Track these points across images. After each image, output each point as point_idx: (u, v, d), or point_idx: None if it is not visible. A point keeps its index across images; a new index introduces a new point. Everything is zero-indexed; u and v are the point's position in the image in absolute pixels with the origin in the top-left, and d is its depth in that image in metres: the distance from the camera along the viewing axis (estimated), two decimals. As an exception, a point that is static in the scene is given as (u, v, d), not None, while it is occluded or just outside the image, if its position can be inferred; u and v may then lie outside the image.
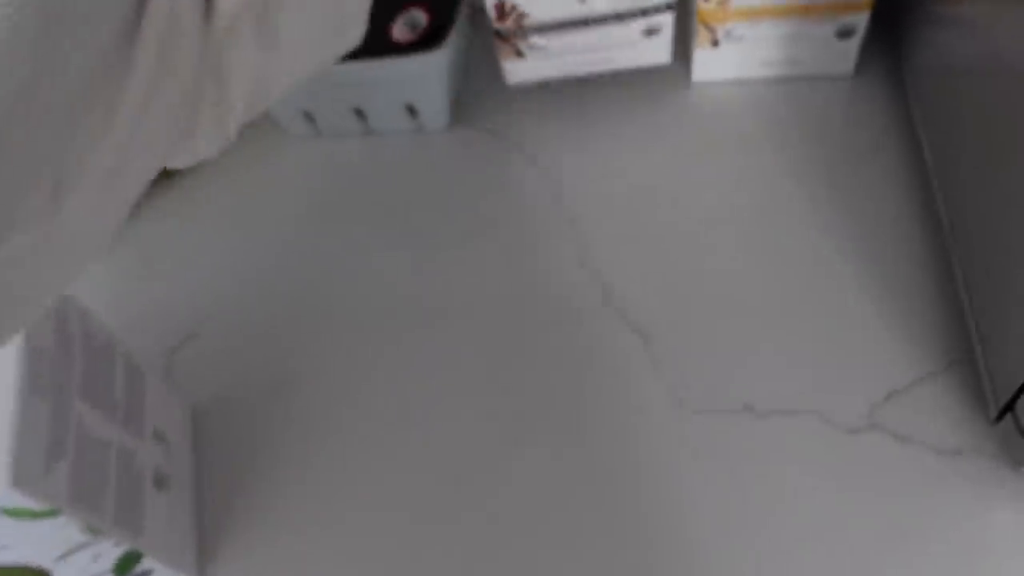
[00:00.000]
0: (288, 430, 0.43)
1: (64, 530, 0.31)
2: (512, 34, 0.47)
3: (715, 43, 0.48)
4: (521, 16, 0.45)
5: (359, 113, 0.51)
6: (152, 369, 0.40)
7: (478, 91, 0.54)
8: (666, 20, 0.46)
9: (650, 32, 0.47)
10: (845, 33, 0.46)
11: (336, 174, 0.53)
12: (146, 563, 0.35)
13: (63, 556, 0.32)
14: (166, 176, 0.53)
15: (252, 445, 0.43)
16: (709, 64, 0.49)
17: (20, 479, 0.28)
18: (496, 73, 0.51)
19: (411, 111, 0.51)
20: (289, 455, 0.42)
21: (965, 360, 0.38)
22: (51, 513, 0.30)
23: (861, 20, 0.45)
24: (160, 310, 0.49)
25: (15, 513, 0.29)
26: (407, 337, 0.44)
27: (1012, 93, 0.32)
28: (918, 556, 0.34)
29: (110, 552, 0.33)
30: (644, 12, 0.46)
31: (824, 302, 0.41)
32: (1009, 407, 0.32)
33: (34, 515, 0.29)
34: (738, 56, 0.48)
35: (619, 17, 0.46)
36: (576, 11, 0.45)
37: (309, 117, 0.52)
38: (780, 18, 0.46)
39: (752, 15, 0.46)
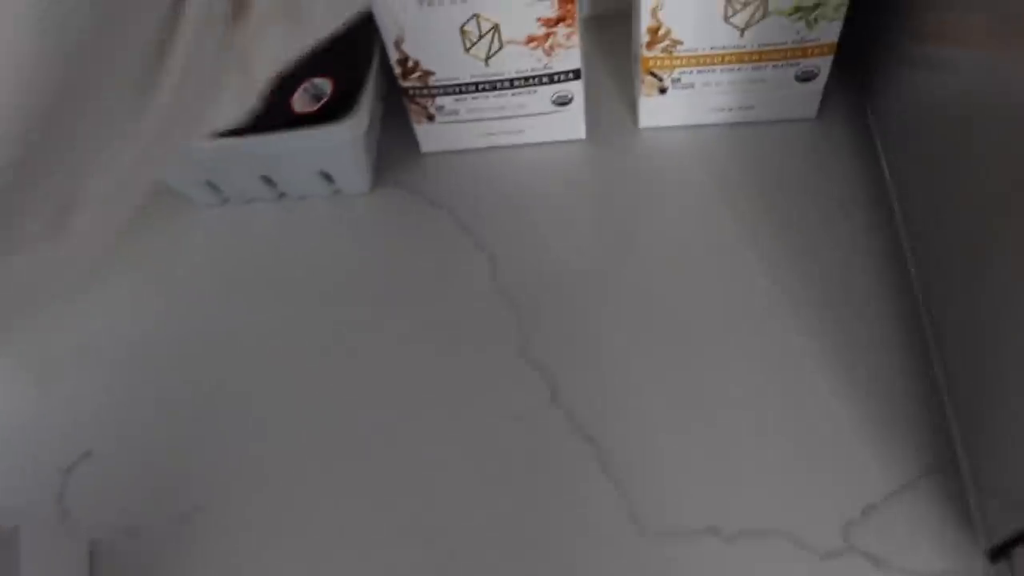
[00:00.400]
0: (199, 566, 0.38)
1: None
2: (419, 93, 0.43)
3: (663, 91, 0.44)
4: (426, 75, 0.42)
5: (268, 181, 0.46)
6: (38, 507, 0.35)
7: (401, 152, 0.48)
8: (575, 88, 0.44)
9: (561, 102, 0.44)
10: (806, 77, 0.43)
11: (247, 244, 0.47)
12: None
13: None
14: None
15: (159, 586, 0.38)
16: (657, 112, 0.46)
17: None
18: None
19: (326, 177, 0.45)
20: (202, 597, 0.37)
21: (946, 468, 0.34)
22: None
23: (824, 64, 0.42)
24: (50, 423, 0.43)
25: None
26: (331, 448, 0.40)
27: (985, 137, 0.29)
28: None
29: None
30: (552, 79, 0.43)
31: (792, 405, 0.37)
32: (1005, 549, 0.29)
33: None
34: (688, 103, 0.45)
35: (526, 80, 0.43)
36: (481, 71, 0.43)
37: (213, 186, 0.46)
38: (734, 64, 0.43)
39: (701, 62, 0.43)
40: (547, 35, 0.41)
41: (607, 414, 0.38)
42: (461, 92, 0.44)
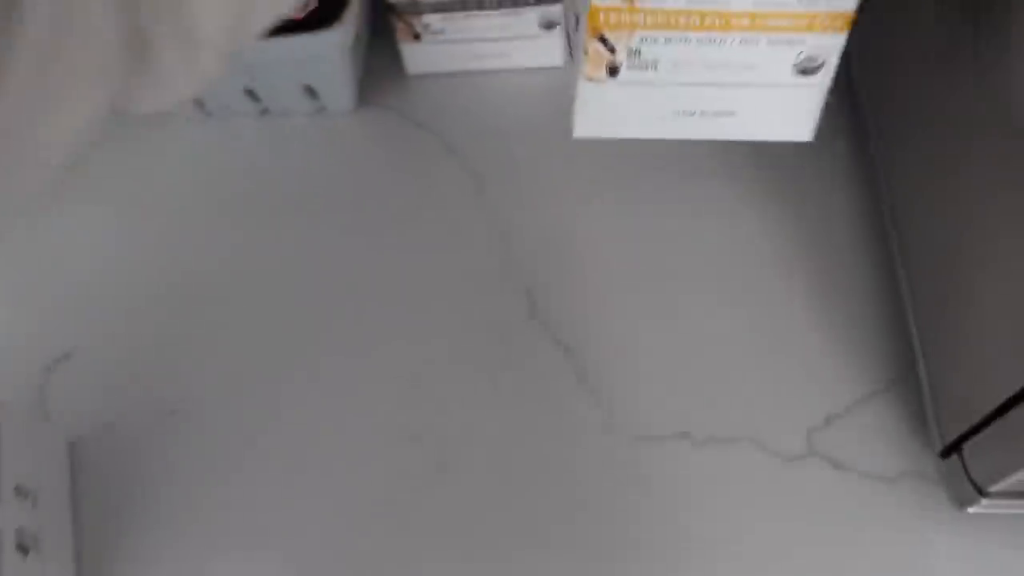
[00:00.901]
0: (178, 465, 0.38)
1: None
2: (407, 10, 0.42)
3: (612, 72, 0.35)
4: None
5: (251, 94, 0.46)
6: (18, 404, 0.35)
7: (386, 73, 0.48)
8: (559, 12, 0.42)
9: (547, 26, 0.44)
10: (807, 69, 0.36)
11: (229, 159, 0.47)
12: (13, 640, 0.31)
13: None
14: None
15: (140, 483, 0.38)
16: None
17: None
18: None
19: (310, 92, 0.45)
20: (180, 494, 0.38)
21: (906, 380, 0.36)
22: None
23: (833, 47, 0.30)
24: (29, 323, 0.43)
25: None
26: (310, 351, 0.40)
27: (960, 89, 0.30)
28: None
29: (-37, 642, 0.29)
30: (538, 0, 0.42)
31: (760, 321, 0.38)
32: (956, 446, 0.30)
33: None
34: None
35: (514, 1, 0.42)
36: None
37: (196, 99, 0.46)
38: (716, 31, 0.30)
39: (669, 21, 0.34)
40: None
41: (585, 327, 0.39)
42: (448, 10, 0.44)
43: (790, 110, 0.31)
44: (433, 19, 0.44)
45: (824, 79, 0.30)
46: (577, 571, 0.34)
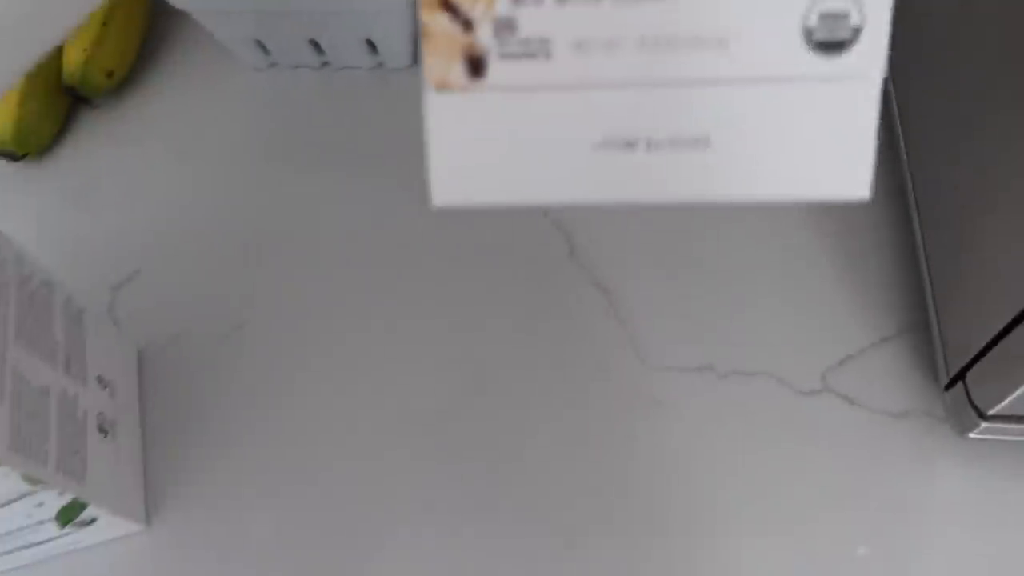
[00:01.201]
0: (239, 375, 0.41)
1: (4, 480, 0.29)
2: None
3: (476, 65, 0.27)
4: None
5: (315, 45, 0.49)
6: (94, 310, 0.38)
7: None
8: None
9: None
10: (828, 44, 0.24)
11: (290, 107, 0.50)
12: (88, 512, 0.34)
13: (3, 505, 0.31)
14: (86, 102, 0.50)
15: (201, 390, 0.41)
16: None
17: (-45, 429, 0.26)
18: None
19: (371, 46, 0.49)
20: (240, 401, 0.41)
21: (919, 327, 0.39)
22: (-11, 464, 0.28)
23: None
24: (100, 244, 0.46)
25: (-50, 464, 0.27)
26: (365, 282, 0.43)
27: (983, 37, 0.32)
28: (862, 512, 0.35)
29: (53, 501, 0.32)
30: None
31: (783, 268, 0.41)
32: (960, 376, 0.33)
33: (-29, 466, 0.28)
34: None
35: None
36: None
37: (261, 46, 0.49)
38: None
39: None
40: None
41: (620, 267, 0.42)
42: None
43: (815, 131, 0.17)
44: None
45: (869, 60, 0.16)
46: (607, 480, 0.37)
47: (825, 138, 0.17)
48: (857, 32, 0.16)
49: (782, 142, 0.17)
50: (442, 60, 0.17)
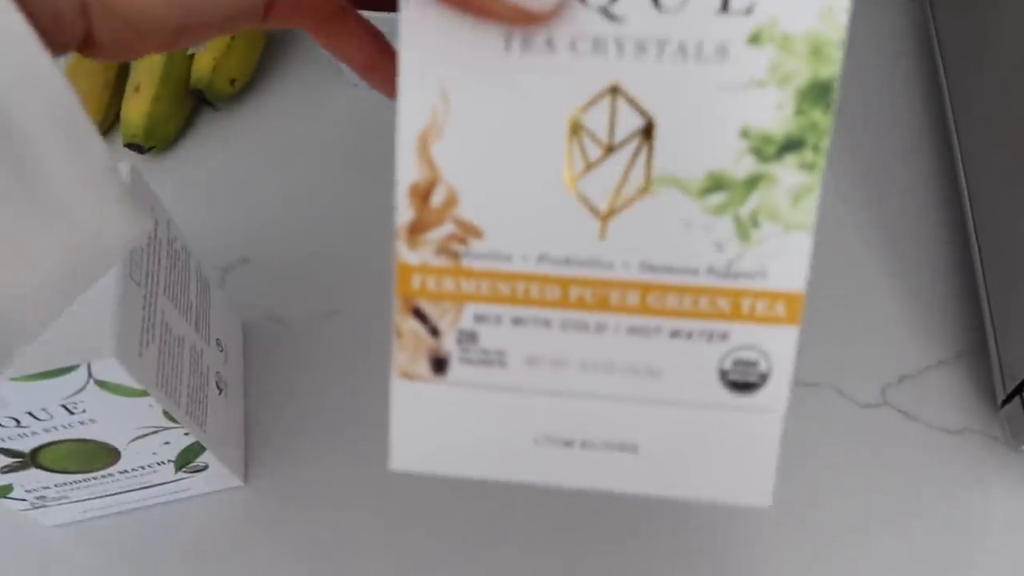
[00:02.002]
0: (329, 355, 0.45)
1: (147, 412, 0.33)
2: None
3: (439, 362, 0.22)
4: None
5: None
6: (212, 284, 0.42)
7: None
8: None
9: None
10: (742, 383, 0.21)
11: (386, 119, 0.55)
12: (202, 459, 0.37)
13: (137, 439, 0.34)
14: (210, 105, 0.55)
15: (296, 366, 0.45)
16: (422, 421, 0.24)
17: (122, 354, 0.30)
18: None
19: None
20: (331, 378, 0.44)
21: (976, 352, 0.41)
22: (140, 393, 0.32)
23: (779, 354, 0.21)
24: (213, 231, 0.50)
25: (111, 388, 0.31)
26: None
27: None
28: (916, 523, 0.37)
29: (178, 441, 0.35)
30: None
31: (846, 287, 0.44)
32: (1016, 392, 0.36)
33: (127, 392, 0.31)
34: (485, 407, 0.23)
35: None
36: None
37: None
38: (590, 311, 0.21)
39: (521, 295, 0.21)
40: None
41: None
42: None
43: (726, 450, 0.20)
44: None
45: (773, 400, 0.20)
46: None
47: (735, 455, 0.20)
48: (764, 377, 0.20)
49: (698, 454, 0.20)
50: (409, 355, 0.20)
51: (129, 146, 0.52)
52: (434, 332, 0.20)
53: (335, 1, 0.24)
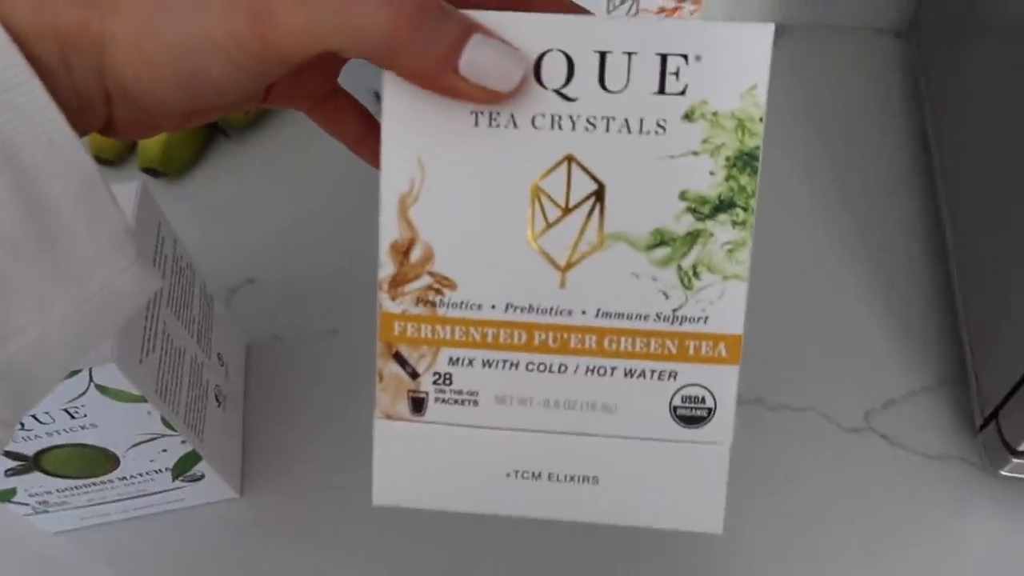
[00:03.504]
0: (330, 373, 0.46)
1: (145, 419, 0.34)
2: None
3: (417, 402, 0.24)
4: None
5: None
6: (217, 302, 0.44)
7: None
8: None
9: None
10: (688, 417, 0.22)
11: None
12: (199, 468, 0.39)
13: (135, 445, 0.36)
14: (224, 134, 0.58)
15: (297, 383, 0.46)
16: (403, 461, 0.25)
17: (122, 360, 0.31)
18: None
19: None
20: (329, 396, 0.45)
21: (957, 380, 0.42)
22: (139, 399, 0.33)
23: (722, 386, 0.22)
24: (222, 253, 0.52)
25: (111, 393, 0.32)
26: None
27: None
28: (898, 547, 0.38)
29: (175, 449, 0.37)
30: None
31: (831, 314, 0.45)
32: (993, 416, 0.36)
33: (126, 398, 0.33)
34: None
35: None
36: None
37: (377, 95, 0.56)
38: (553, 354, 0.23)
39: (490, 339, 0.23)
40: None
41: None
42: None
43: (679, 480, 0.22)
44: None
45: (719, 433, 0.22)
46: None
47: (687, 484, 0.22)
48: (711, 412, 0.22)
49: (654, 485, 0.22)
50: (390, 397, 0.23)
51: (146, 170, 0.55)
52: (413, 375, 0.23)
53: (327, 84, 0.26)
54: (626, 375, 0.22)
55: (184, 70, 0.19)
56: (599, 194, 0.21)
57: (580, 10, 0.24)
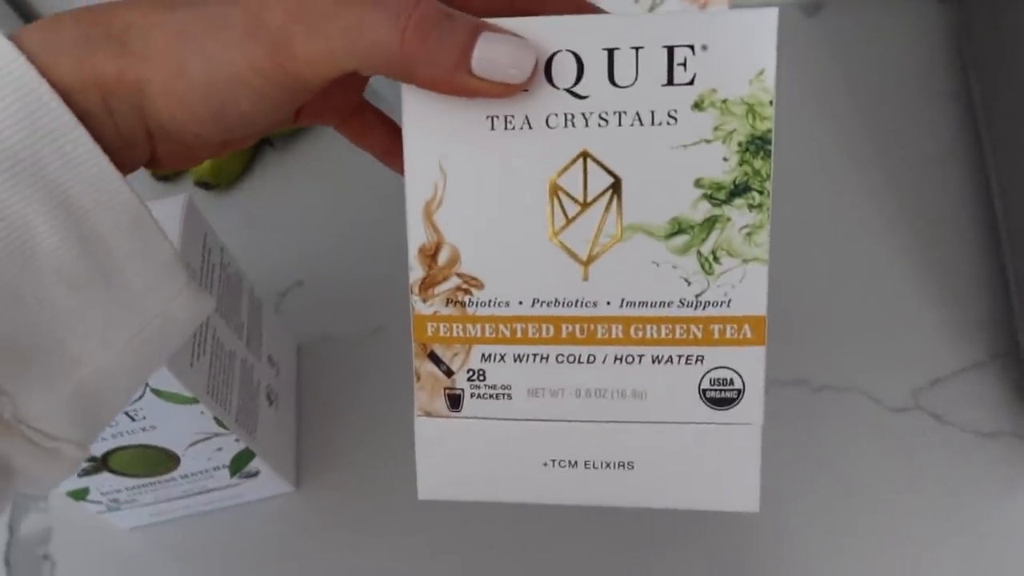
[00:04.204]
0: (381, 372, 0.48)
1: (200, 419, 0.36)
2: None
3: (454, 399, 0.25)
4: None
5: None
6: (267, 305, 0.46)
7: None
8: None
9: None
10: (717, 399, 0.22)
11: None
12: (254, 464, 0.41)
13: (194, 444, 0.38)
14: (270, 144, 0.60)
15: (347, 380, 0.48)
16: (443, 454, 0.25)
17: (174, 364, 0.33)
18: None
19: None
20: (377, 392, 0.47)
21: (1010, 355, 0.41)
22: (192, 400, 0.35)
23: (749, 369, 0.22)
24: (272, 258, 0.54)
25: (166, 396, 0.34)
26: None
27: None
28: (950, 527, 0.37)
29: (230, 447, 0.39)
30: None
31: (880, 289, 0.44)
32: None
33: (180, 400, 0.35)
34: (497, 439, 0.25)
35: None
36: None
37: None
38: (580, 345, 0.23)
39: (518, 334, 0.23)
40: None
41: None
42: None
43: (712, 462, 0.22)
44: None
45: (750, 413, 0.22)
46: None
47: (721, 465, 0.23)
48: (740, 392, 0.22)
49: (688, 467, 0.23)
50: (428, 395, 0.24)
51: (199, 184, 0.57)
52: (448, 372, 0.23)
53: (353, 100, 0.28)
54: (654, 362, 0.22)
55: (215, 105, 0.20)
56: (616, 187, 0.22)
57: (594, 10, 0.25)
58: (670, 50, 0.21)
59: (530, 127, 0.22)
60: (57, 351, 0.20)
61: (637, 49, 0.21)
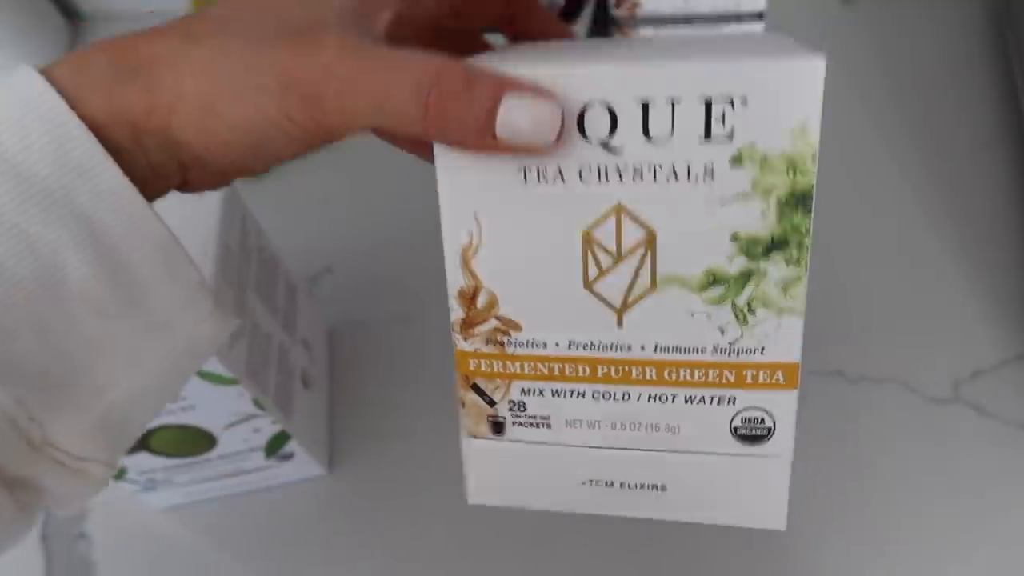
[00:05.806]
0: (411, 357, 0.48)
1: (238, 400, 0.36)
2: (626, 23, 0.38)
3: (497, 425, 0.26)
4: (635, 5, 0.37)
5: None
6: (300, 291, 0.46)
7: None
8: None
9: None
10: (749, 435, 0.24)
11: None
12: (289, 447, 0.41)
13: (231, 425, 0.38)
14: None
15: (377, 365, 0.48)
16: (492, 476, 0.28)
17: (215, 345, 0.34)
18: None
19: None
20: (410, 377, 0.47)
21: (1053, 346, 0.40)
22: (231, 381, 0.35)
23: (782, 406, 0.23)
24: (302, 245, 0.54)
25: (206, 376, 0.35)
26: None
27: None
28: (993, 516, 0.36)
29: (267, 429, 0.39)
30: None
31: (921, 279, 0.43)
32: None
33: (219, 380, 0.35)
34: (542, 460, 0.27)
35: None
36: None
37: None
38: (615, 384, 0.24)
39: (558, 372, 0.25)
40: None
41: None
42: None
43: (742, 487, 0.23)
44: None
45: (780, 447, 0.23)
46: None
47: (750, 491, 0.23)
48: (771, 430, 0.23)
49: (718, 491, 0.23)
50: (473, 420, 0.25)
51: (230, 169, 0.57)
52: (490, 403, 0.24)
53: None
54: (687, 401, 0.23)
55: (249, 142, 0.21)
56: (650, 240, 0.21)
57: (566, 33, 0.24)
58: (708, 104, 0.20)
59: (563, 180, 0.21)
60: (86, 378, 0.21)
61: (673, 102, 0.20)
